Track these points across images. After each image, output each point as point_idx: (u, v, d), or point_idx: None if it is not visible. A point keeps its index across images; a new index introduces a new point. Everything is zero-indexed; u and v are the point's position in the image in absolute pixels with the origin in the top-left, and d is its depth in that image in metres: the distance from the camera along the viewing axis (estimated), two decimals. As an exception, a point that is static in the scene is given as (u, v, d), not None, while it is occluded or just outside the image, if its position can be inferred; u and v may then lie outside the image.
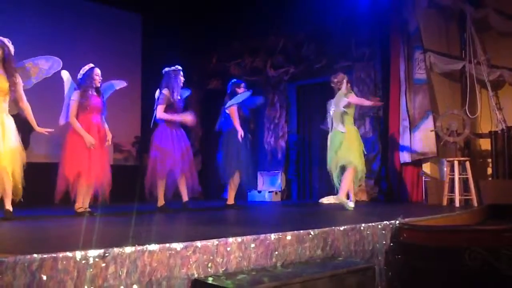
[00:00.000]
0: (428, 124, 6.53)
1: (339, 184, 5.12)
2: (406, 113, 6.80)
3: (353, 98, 5.31)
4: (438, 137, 6.38)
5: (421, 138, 6.62)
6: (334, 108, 5.26)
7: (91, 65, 4.92)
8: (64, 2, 8.10)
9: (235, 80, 5.99)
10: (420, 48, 6.76)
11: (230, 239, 2.44)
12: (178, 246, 2.23)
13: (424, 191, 6.59)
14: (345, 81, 5.25)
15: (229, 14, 8.27)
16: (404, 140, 6.81)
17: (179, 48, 8.43)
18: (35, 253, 1.80)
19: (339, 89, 5.27)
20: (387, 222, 3.42)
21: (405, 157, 6.81)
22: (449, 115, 6.37)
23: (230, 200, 5.78)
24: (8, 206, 4.13)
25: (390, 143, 7.16)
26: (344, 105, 5.16)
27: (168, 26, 8.51)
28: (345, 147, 5.14)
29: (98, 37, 8.39)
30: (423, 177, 6.67)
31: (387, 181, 7.14)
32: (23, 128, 7.03)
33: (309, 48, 7.89)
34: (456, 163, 5.98)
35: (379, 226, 3.37)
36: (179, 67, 5.47)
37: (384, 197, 7.06)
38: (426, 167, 6.70)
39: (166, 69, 5.47)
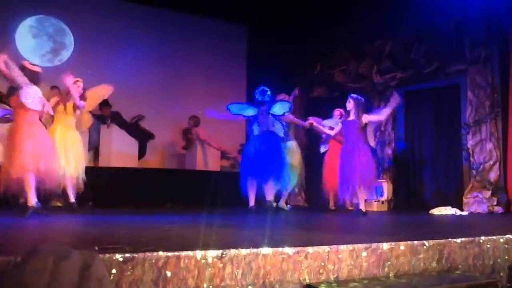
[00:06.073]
0: (555, 131, 5.94)
1: None
2: (529, 118, 6.26)
3: None
4: None
5: (547, 146, 6.03)
6: None
7: None
8: (170, 17, 8.63)
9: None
10: (544, 48, 6.19)
11: (342, 247, 2.42)
12: (290, 250, 2.26)
13: (552, 204, 5.99)
14: None
15: (333, 20, 8.20)
16: (527, 147, 6.26)
17: (284, 56, 8.54)
18: (161, 251, 1.94)
19: None
20: (510, 236, 3.16)
21: (527, 166, 6.25)
22: None
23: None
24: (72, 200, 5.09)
25: (510, 151, 6.61)
26: None
27: (273, 36, 8.67)
28: None
29: (204, 49, 8.83)
30: (551, 189, 6.07)
31: (507, 192, 6.58)
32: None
33: (418, 51, 7.55)
34: None
35: (501, 240, 3.11)
36: None
37: (504, 209, 6.52)
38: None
39: None
